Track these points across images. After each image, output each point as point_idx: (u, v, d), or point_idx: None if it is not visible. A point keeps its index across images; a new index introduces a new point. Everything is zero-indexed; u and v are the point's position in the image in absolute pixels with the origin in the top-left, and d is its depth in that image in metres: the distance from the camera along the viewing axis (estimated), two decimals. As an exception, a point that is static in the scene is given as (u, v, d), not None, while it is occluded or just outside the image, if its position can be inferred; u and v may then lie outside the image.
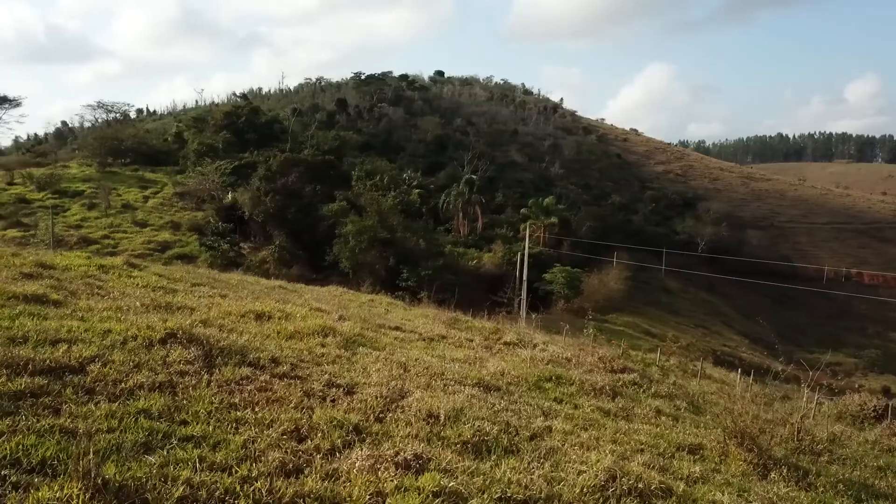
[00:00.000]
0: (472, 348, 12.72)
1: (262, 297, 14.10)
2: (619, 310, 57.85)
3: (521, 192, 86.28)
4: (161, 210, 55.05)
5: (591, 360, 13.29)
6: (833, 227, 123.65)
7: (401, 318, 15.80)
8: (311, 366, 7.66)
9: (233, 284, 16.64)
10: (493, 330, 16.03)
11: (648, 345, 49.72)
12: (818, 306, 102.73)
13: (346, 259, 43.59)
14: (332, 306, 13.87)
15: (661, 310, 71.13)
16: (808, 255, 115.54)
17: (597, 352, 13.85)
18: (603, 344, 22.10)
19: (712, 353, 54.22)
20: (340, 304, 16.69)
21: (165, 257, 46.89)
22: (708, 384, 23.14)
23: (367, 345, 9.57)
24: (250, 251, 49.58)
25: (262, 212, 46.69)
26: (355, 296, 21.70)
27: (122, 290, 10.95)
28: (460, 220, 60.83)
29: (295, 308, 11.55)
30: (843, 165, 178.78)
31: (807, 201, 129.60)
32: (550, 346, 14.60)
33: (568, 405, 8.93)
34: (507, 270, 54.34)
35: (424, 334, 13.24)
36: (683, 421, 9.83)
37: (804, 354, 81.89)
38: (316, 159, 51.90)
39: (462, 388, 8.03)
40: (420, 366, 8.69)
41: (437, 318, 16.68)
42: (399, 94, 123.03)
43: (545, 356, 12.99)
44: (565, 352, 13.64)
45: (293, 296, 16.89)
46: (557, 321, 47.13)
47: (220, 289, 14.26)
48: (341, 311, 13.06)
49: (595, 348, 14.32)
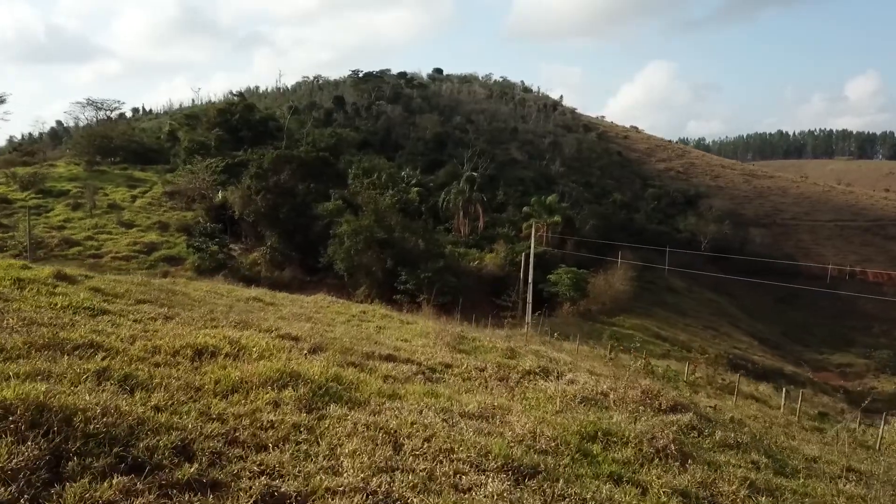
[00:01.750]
0: (486, 384, 9.88)
1: (226, 316, 11.24)
2: (627, 311, 55.03)
3: (521, 190, 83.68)
4: (149, 210, 52.15)
5: (633, 394, 10.44)
6: (836, 225, 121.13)
7: (395, 338, 12.94)
8: (247, 452, 4.81)
9: (195, 299, 13.72)
10: (506, 352, 13.18)
11: (660, 349, 46.93)
12: (823, 305, 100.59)
13: (341, 261, 40.71)
14: (309, 329, 10.97)
15: (668, 311, 68.38)
16: (811, 253, 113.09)
17: (638, 382, 10.99)
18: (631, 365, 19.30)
19: (726, 357, 51.48)
20: (324, 320, 13.83)
21: (151, 259, 44.07)
22: (745, 403, 20.36)
23: (344, 398, 6.69)
24: (241, 253, 46.71)
25: (252, 211, 43.78)
26: (345, 306, 18.78)
27: (25, 317, 8.09)
28: (461, 220, 57.89)
29: (255, 337, 8.67)
30: (843, 162, 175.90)
31: (809, 198, 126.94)
32: (578, 372, 11.75)
33: (632, 488, 6.09)
34: (510, 271, 51.50)
35: (424, 364, 10.40)
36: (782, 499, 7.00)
37: (813, 355, 79.35)
38: (310, 156, 48.90)
39: (483, 480, 5.17)
40: (418, 436, 5.81)
41: (438, 336, 13.80)
42: (398, 91, 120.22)
43: (577, 391, 10.11)
44: (599, 384, 10.78)
45: (267, 312, 13.99)
46: (565, 325, 44.30)
47: (173, 306, 11.39)
48: (318, 336, 10.17)
49: (635, 378, 11.46)
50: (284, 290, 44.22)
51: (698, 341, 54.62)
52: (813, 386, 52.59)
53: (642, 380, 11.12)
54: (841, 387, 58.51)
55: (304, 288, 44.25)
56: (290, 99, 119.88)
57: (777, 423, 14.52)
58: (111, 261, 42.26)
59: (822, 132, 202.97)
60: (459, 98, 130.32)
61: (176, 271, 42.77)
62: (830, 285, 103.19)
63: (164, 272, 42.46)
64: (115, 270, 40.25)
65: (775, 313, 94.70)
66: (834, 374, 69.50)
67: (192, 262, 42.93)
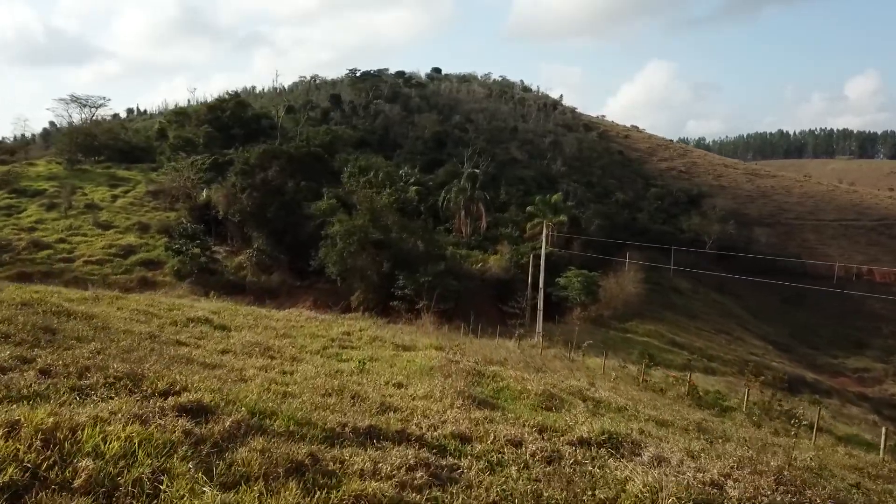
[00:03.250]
0: (529, 472, 5.79)
1: (124, 357, 7.14)
2: (639, 316, 50.94)
3: (523, 189, 79.94)
4: (130, 211, 47.99)
5: (764, 483, 6.36)
6: (841, 224, 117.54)
7: (386, 380, 8.83)
8: None
9: (104, 325, 9.52)
10: (543, 400, 9.07)
11: (680, 359, 42.81)
12: (829, 306, 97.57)
13: (333, 264, 36.54)
14: (255, 375, 6.84)
15: (677, 313, 64.40)
16: (816, 253, 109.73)
17: (767, 462, 6.91)
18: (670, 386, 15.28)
19: (744, 365, 47.52)
20: (288, 352, 9.69)
21: (128, 263, 39.93)
22: (826, 444, 16.17)
23: None
24: (226, 256, 42.59)
25: (238, 211, 39.60)
26: (324, 326, 14.57)
27: None
28: (462, 219, 53.65)
29: (114, 422, 4.59)
30: (844, 162, 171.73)
31: (813, 198, 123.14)
32: (663, 443, 7.67)
33: None
34: (516, 274, 47.39)
35: (428, 438, 6.34)
36: None
37: (826, 359, 75.02)
38: (300, 151, 44.63)
39: None
40: None
41: (447, 374, 9.64)
42: (396, 91, 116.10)
43: (674, 485, 6.01)
44: (711, 465, 6.68)
45: (208, 343, 9.81)
46: (576, 332, 40.16)
47: (44, 347, 7.29)
48: (261, 394, 6.04)
49: (761, 454, 7.33)
50: (271, 297, 40.08)
51: (714, 347, 50.61)
52: (838, 396, 48.61)
53: (769, 457, 7.02)
54: (860, 393, 54.61)
55: (293, 294, 40.12)
56: (286, 99, 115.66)
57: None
58: (83, 265, 38.14)
59: (823, 131, 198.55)
60: (458, 97, 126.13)
61: (154, 276, 38.68)
62: (837, 285, 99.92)
63: (141, 277, 38.41)
64: (85, 276, 36.10)
65: (780, 314, 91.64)
66: (851, 380, 65.64)
67: (172, 266, 38.79)
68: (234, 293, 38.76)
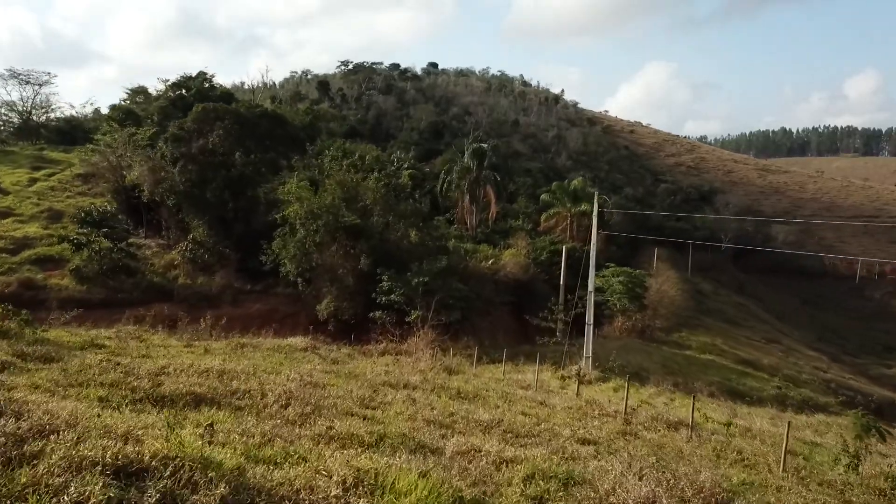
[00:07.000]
0: None
1: None
2: (687, 326, 39.26)
3: (531, 182, 68.76)
4: (46, 196, 36.09)
5: None
6: (861, 223, 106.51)
7: None
8: None
9: None
10: None
11: (755, 381, 31.20)
12: (852, 307, 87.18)
13: (290, 260, 24.72)
14: None
15: (716, 319, 52.76)
16: (836, 252, 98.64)
17: None
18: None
19: (826, 386, 35.82)
20: None
21: (16, 261, 27.87)
22: None
23: None
24: (158, 251, 30.67)
25: (166, 190, 27.74)
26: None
27: None
28: (467, 207, 41.63)
29: None
30: (849, 160, 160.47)
31: (829, 194, 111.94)
32: None
33: None
34: (536, 274, 35.63)
35: None
36: None
37: (881, 369, 62.17)
38: (253, 111, 32.71)
39: None
40: None
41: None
42: (390, 83, 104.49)
43: None
44: None
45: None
46: (623, 349, 28.44)
47: None
48: None
49: None
50: (211, 305, 28.04)
51: (784, 364, 38.84)
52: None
53: None
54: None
55: (240, 302, 28.12)
56: (276, 93, 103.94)
57: None
58: None
59: (827, 129, 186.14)
60: (456, 90, 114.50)
61: (47, 278, 26.66)
62: (859, 285, 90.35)
63: (25, 280, 26.37)
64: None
65: (804, 316, 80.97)
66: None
67: (77, 263, 26.87)
68: (159, 300, 26.84)
